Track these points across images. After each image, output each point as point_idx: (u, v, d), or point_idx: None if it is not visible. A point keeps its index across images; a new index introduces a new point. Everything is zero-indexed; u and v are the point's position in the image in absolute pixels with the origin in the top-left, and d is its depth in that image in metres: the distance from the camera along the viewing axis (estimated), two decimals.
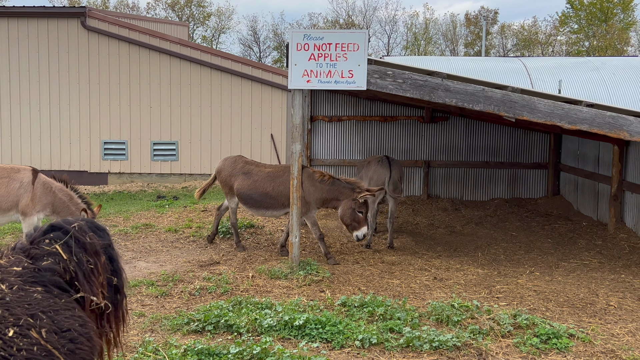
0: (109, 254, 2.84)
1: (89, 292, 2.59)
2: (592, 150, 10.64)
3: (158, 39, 17.68)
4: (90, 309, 2.61)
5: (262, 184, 8.05)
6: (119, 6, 50.95)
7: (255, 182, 8.09)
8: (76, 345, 2.32)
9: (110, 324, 2.81)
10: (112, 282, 2.81)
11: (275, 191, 7.95)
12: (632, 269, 7.58)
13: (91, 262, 2.66)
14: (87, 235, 2.73)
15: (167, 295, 6.17)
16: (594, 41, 47.50)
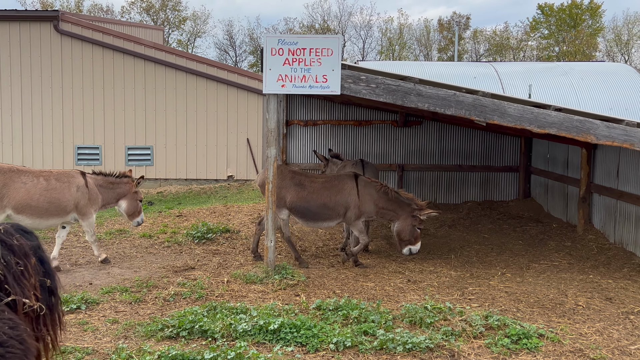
0: (39, 256, 2.78)
1: (20, 294, 2.53)
2: (562, 153, 10.87)
3: (132, 43, 17.57)
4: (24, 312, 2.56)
5: (318, 195, 7.83)
6: (92, 10, 50.45)
7: (311, 194, 7.84)
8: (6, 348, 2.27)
9: (46, 327, 2.77)
10: (45, 285, 2.76)
11: (333, 202, 7.81)
12: (600, 270, 7.77)
13: (20, 264, 2.59)
14: (14, 237, 2.66)
15: (141, 302, 6.14)
16: (563, 46, 48.49)
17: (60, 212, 7.40)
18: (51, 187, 7.34)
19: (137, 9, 52.18)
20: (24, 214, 7.19)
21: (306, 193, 7.84)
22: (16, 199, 7.12)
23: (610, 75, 13.84)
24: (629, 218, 8.57)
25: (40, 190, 7.25)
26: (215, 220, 10.52)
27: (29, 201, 7.15)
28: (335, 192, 7.83)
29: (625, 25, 49.27)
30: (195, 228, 9.46)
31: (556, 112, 7.00)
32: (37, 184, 7.27)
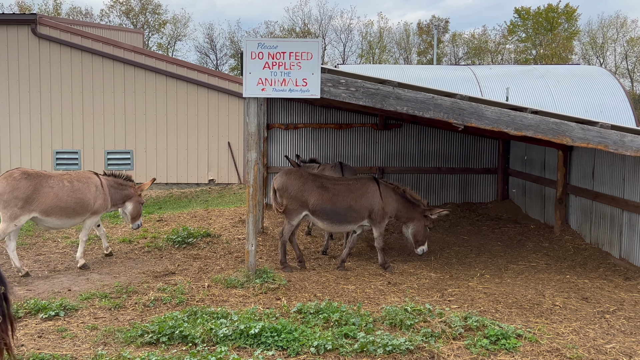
0: None
1: None
2: (539, 155, 11.02)
3: (112, 47, 17.44)
4: None
5: (344, 197, 7.79)
6: (71, 13, 49.95)
7: (336, 196, 7.79)
8: None
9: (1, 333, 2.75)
10: None
11: (358, 204, 7.81)
12: (577, 270, 7.89)
13: None
14: None
15: (121, 307, 6.10)
16: (540, 50, 49.17)
17: (84, 211, 7.82)
18: (75, 189, 7.75)
19: (116, 12, 51.81)
20: (53, 215, 7.57)
21: (330, 195, 7.80)
22: (46, 203, 7.47)
23: (586, 78, 14.09)
24: (604, 218, 8.73)
25: (67, 192, 7.65)
26: (196, 225, 10.48)
27: (58, 203, 7.53)
28: (359, 194, 7.85)
29: (600, 29, 50.10)
30: (175, 233, 9.41)
31: (532, 114, 7.10)
32: (63, 187, 7.65)
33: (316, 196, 7.75)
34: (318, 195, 7.76)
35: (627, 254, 8.09)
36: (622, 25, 49.55)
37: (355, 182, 8.01)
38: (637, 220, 7.80)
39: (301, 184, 7.75)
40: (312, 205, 7.75)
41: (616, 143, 7.03)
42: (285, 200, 7.76)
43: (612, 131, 7.04)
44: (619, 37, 49.56)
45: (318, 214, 7.79)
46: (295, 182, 7.79)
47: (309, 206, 7.77)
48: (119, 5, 51.72)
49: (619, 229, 8.28)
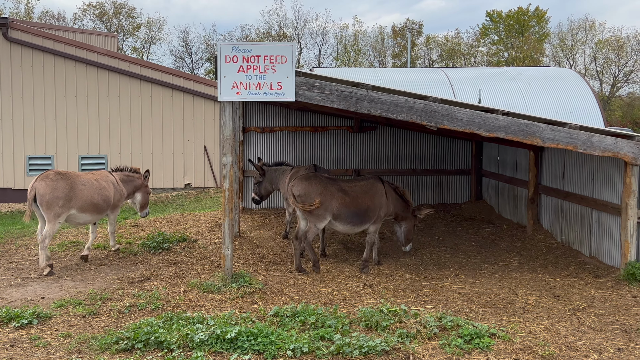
0: None
1: None
2: (511, 156, 11.20)
3: (85, 51, 17.26)
4: None
5: (361, 199, 7.94)
6: (43, 17, 49.23)
7: (355, 199, 7.91)
8: None
9: None
10: None
11: (373, 204, 8.00)
12: (549, 268, 8.04)
13: None
14: None
15: (96, 314, 6.04)
16: (512, 52, 49.93)
17: (108, 206, 8.52)
18: (101, 187, 8.41)
19: (90, 15, 51.24)
20: (88, 212, 8.20)
21: (350, 199, 7.90)
22: (81, 200, 8.09)
23: (556, 80, 14.35)
24: (575, 217, 8.91)
25: (97, 190, 8.31)
26: (172, 230, 10.42)
27: (91, 200, 8.18)
28: (372, 194, 8.04)
29: (570, 31, 51.04)
30: (151, 238, 9.35)
31: (504, 116, 7.23)
32: (93, 185, 8.29)
33: (339, 200, 7.84)
34: (341, 199, 7.86)
35: (596, 252, 8.27)
36: (591, 27, 50.56)
37: (366, 183, 8.18)
38: (606, 219, 7.99)
39: (323, 189, 7.79)
40: (337, 209, 7.84)
41: (585, 143, 7.20)
42: (309, 205, 7.75)
43: (580, 132, 7.20)
44: (588, 40, 50.57)
45: (340, 217, 7.89)
46: (317, 187, 7.80)
47: (333, 210, 7.83)
48: (92, 9, 51.17)
49: (589, 227, 8.46)
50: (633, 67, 48.50)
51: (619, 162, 7.53)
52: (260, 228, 10.68)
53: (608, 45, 48.94)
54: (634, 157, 7.16)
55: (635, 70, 48.62)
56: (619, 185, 7.61)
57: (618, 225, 7.58)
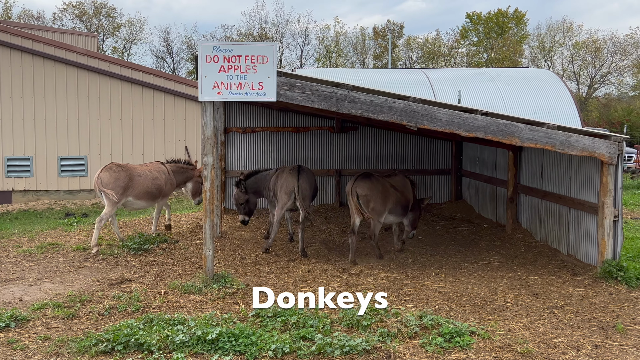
0: None
1: None
2: (490, 156, 11.31)
3: (64, 51, 17.05)
4: None
5: (402, 194, 8.76)
6: (22, 16, 48.54)
7: (401, 194, 8.73)
8: None
9: None
10: None
11: (408, 198, 8.87)
12: (528, 267, 8.13)
13: None
14: None
15: (75, 317, 5.98)
16: (491, 53, 50.43)
17: (159, 194, 9.63)
18: (154, 177, 9.54)
19: (69, 15, 50.65)
20: (143, 199, 9.39)
21: (399, 194, 8.72)
22: (138, 189, 9.28)
23: (534, 81, 14.52)
24: (553, 216, 9.02)
25: (151, 180, 9.45)
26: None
27: (147, 189, 9.34)
28: (407, 188, 8.92)
29: (548, 33, 51.68)
30: (131, 239, 9.28)
31: (483, 116, 7.30)
32: (148, 176, 9.42)
33: (394, 197, 8.62)
34: (395, 197, 8.65)
35: (574, 251, 8.38)
36: (569, 29, 51.26)
37: (401, 179, 9.03)
38: (584, 217, 8.10)
39: (382, 187, 8.53)
40: (392, 203, 8.59)
41: (562, 143, 7.30)
42: (372, 203, 8.40)
43: (558, 132, 7.30)
44: (566, 41, 51.26)
45: (392, 211, 8.65)
46: (379, 186, 8.51)
47: (390, 206, 8.56)
48: (72, 9, 50.58)
49: (567, 226, 8.58)
50: (609, 68, 49.29)
51: (596, 161, 7.64)
52: (242, 229, 10.65)
53: (585, 47, 49.67)
54: (610, 157, 7.28)
55: (612, 72, 49.43)
56: (595, 185, 7.72)
57: (595, 223, 7.70)
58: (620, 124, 36.73)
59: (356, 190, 8.45)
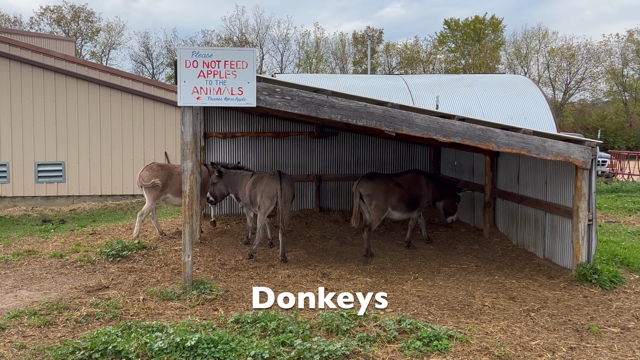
0: None
1: None
2: (467, 160, 11.44)
3: (42, 55, 16.86)
4: None
5: (412, 191, 9.44)
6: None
7: (408, 191, 9.38)
8: None
9: None
10: None
11: (420, 194, 9.56)
12: (505, 270, 8.24)
13: None
14: None
15: (51, 324, 5.91)
16: (469, 59, 51.01)
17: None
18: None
19: (47, 19, 50.13)
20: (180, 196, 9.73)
21: (403, 192, 9.28)
22: (176, 186, 10.06)
23: (510, 87, 14.72)
24: (529, 221, 9.15)
25: None
26: (131, 237, 10.27)
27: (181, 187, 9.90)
28: (417, 187, 9.52)
29: (524, 40, 52.51)
30: (109, 246, 9.19)
31: (460, 121, 7.39)
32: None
33: (398, 194, 9.19)
34: (399, 193, 9.21)
35: (550, 254, 8.51)
36: (544, 36, 52.11)
37: (412, 176, 9.68)
38: (559, 221, 8.23)
39: (385, 186, 9.09)
40: (395, 201, 9.17)
41: (538, 148, 7.41)
42: (375, 201, 8.98)
43: (534, 137, 7.42)
44: (541, 48, 52.10)
45: (398, 208, 9.27)
46: (381, 185, 9.08)
47: (392, 203, 9.16)
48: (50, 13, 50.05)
49: (543, 230, 8.70)
50: (584, 75, 50.22)
51: (571, 166, 7.77)
52: (222, 234, 10.62)
53: (560, 53, 50.55)
54: (584, 162, 7.41)
55: (586, 78, 50.35)
56: (570, 189, 7.85)
57: (570, 227, 7.82)
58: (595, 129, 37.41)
59: (360, 190, 9.00)
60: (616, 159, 25.61)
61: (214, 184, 9.78)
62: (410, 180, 9.55)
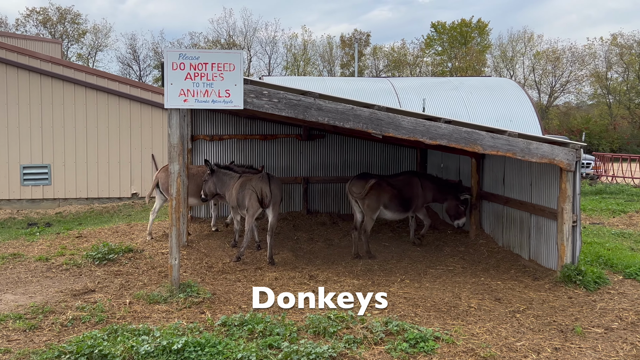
0: None
1: None
2: (454, 163, 11.51)
3: (27, 57, 16.73)
4: None
5: (405, 191, 9.52)
6: None
7: (401, 191, 9.45)
8: None
9: None
10: None
11: (413, 194, 9.63)
12: (490, 272, 8.30)
13: None
14: None
15: (37, 328, 5.87)
16: (455, 62, 51.34)
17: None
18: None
19: (33, 21, 49.70)
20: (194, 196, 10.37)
21: (395, 192, 9.39)
22: (191, 187, 10.36)
23: (496, 90, 14.84)
24: (515, 222, 9.23)
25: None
26: (118, 240, 10.23)
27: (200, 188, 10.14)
28: (412, 188, 9.61)
29: (510, 43, 52.93)
30: (95, 249, 9.13)
31: (446, 124, 7.44)
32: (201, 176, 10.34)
33: (389, 193, 9.32)
34: (391, 193, 9.33)
35: (535, 256, 8.58)
36: (530, 39, 52.57)
37: (405, 177, 9.81)
38: (544, 223, 8.31)
39: (377, 185, 9.18)
40: (387, 200, 9.30)
41: (523, 150, 7.48)
42: (367, 200, 9.16)
43: (519, 139, 7.49)
44: (527, 51, 52.56)
45: (389, 207, 9.37)
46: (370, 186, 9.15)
47: (385, 202, 9.28)
48: (36, 15, 49.64)
49: (528, 232, 8.78)
50: (568, 77, 50.74)
51: (555, 168, 7.85)
52: (209, 237, 10.61)
53: (545, 56, 51.04)
54: (568, 164, 7.49)
55: (571, 81, 50.88)
56: (555, 191, 7.93)
57: (554, 229, 7.89)
58: (580, 131, 37.80)
59: (351, 189, 9.31)
60: (600, 161, 25.88)
61: (206, 181, 9.81)
62: (403, 181, 9.65)
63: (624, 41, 48.41)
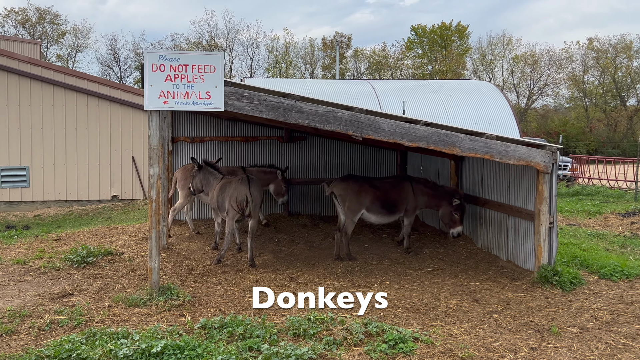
0: None
1: None
2: (433, 165, 11.61)
3: (5, 58, 16.55)
4: None
5: (391, 194, 9.36)
6: None
7: (386, 194, 9.30)
8: None
9: None
10: None
11: (400, 198, 9.43)
12: (469, 273, 8.38)
13: None
14: None
15: (13, 333, 5.80)
16: (436, 65, 51.76)
17: None
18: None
19: (11, 22, 49.01)
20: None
21: (381, 193, 9.28)
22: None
23: (475, 92, 14.99)
24: (493, 224, 9.34)
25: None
26: (97, 243, 10.14)
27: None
28: (399, 190, 9.43)
29: (489, 46, 53.54)
30: (74, 252, 9.05)
31: (425, 126, 7.52)
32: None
33: (372, 195, 9.21)
34: (373, 194, 9.22)
35: (513, 257, 8.69)
36: (508, 43, 53.21)
37: (393, 180, 9.71)
38: (521, 224, 8.42)
39: (358, 187, 9.18)
40: (370, 202, 9.21)
41: (501, 153, 7.58)
42: (348, 202, 9.13)
43: (497, 142, 7.58)
44: (506, 54, 53.18)
45: (372, 210, 9.28)
46: (355, 187, 9.20)
47: (366, 204, 9.20)
48: (15, 15, 48.96)
49: (506, 233, 8.89)
50: (546, 81, 51.47)
51: (532, 170, 7.96)
52: (190, 239, 10.57)
53: (524, 60, 51.70)
54: (545, 166, 7.60)
55: (549, 84, 51.60)
56: (532, 193, 8.04)
57: (531, 230, 8.00)
58: (557, 134, 38.30)
59: (333, 190, 9.30)
60: (577, 163, 26.27)
61: (193, 177, 9.79)
62: (390, 184, 9.48)
63: (600, 45, 49.24)
